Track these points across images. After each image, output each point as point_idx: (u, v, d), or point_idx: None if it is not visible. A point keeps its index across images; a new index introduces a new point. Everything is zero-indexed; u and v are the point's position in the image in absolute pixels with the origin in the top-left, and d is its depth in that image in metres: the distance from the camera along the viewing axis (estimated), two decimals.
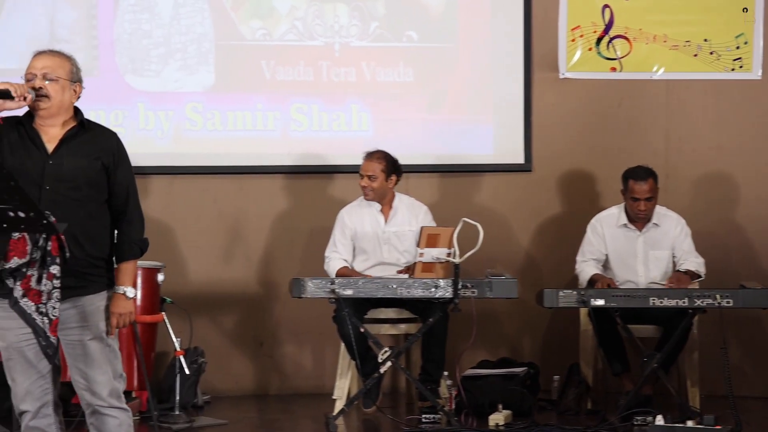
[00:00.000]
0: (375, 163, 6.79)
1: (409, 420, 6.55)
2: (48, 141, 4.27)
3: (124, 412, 4.35)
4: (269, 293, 7.50)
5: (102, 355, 4.29)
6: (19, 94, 4.16)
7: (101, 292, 4.31)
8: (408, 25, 7.54)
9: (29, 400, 4.29)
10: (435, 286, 6.28)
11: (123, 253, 4.37)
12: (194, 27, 7.38)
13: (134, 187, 4.42)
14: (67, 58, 4.35)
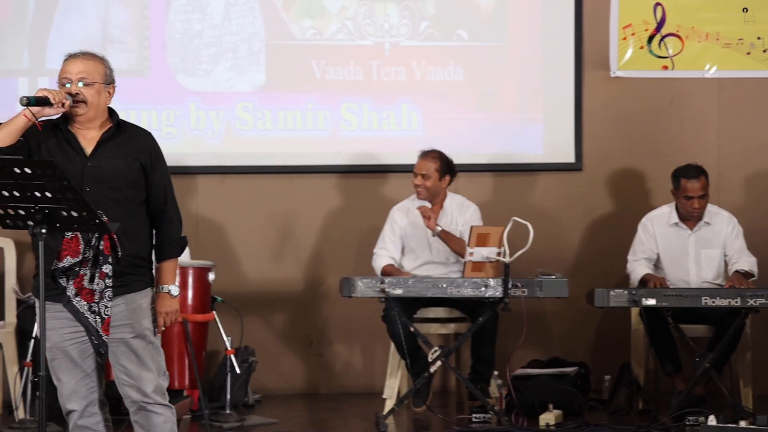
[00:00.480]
0: (430, 162, 6.77)
1: (460, 419, 6.54)
2: (86, 144, 4.30)
3: (168, 408, 4.39)
4: (319, 292, 7.52)
5: (146, 353, 4.33)
6: (57, 101, 4.19)
7: (143, 290, 4.34)
8: (458, 24, 7.53)
9: (75, 399, 4.34)
10: (485, 285, 6.26)
11: (164, 252, 4.41)
12: (245, 27, 7.41)
13: (171, 186, 4.45)
14: (100, 60, 4.37)
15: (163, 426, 4.37)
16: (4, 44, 7.22)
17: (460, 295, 6.31)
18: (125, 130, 4.38)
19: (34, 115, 4.17)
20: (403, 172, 7.42)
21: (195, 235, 7.28)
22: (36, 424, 5.99)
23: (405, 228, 6.89)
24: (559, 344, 7.54)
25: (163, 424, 4.37)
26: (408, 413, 6.76)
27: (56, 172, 3.90)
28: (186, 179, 7.32)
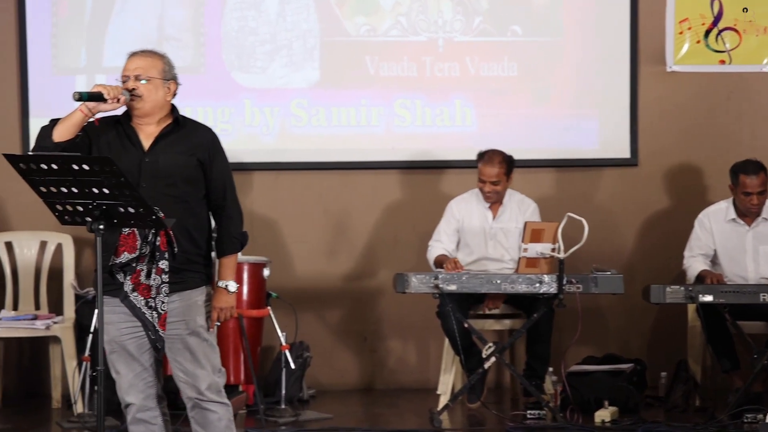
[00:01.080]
0: (497, 167, 6.72)
1: (514, 416, 6.52)
2: (144, 139, 4.34)
3: (223, 406, 4.40)
4: (373, 288, 7.53)
5: (200, 350, 4.35)
6: (111, 96, 4.22)
7: (199, 287, 4.36)
8: (512, 19, 7.50)
9: (133, 393, 4.37)
10: (539, 281, 6.25)
11: (224, 247, 4.42)
12: (300, 24, 7.43)
13: (231, 182, 4.45)
14: (159, 57, 4.40)
15: (217, 424, 4.39)
16: (62, 42, 7.30)
17: (514, 291, 6.30)
18: (184, 125, 4.40)
19: (90, 110, 4.22)
20: (457, 168, 7.42)
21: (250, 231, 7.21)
22: (94, 418, 6.08)
23: (462, 222, 6.88)
24: (615, 341, 7.49)
25: (217, 421, 4.39)
26: (462, 409, 6.76)
27: (113, 169, 3.93)
28: (241, 176, 7.34)
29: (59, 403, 6.89)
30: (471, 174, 7.04)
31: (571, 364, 6.86)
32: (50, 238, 7.10)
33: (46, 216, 4.60)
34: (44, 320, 6.72)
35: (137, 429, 4.41)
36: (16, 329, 6.71)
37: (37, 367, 7.26)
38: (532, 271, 6.33)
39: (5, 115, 7.29)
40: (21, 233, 7.16)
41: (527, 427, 6.27)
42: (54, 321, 6.75)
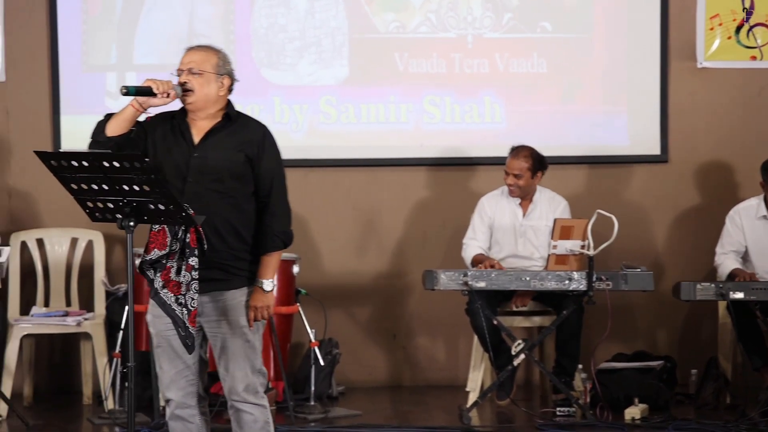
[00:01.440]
0: (521, 161, 6.72)
1: (544, 413, 6.51)
2: (196, 134, 4.34)
3: (259, 408, 4.39)
4: (402, 285, 7.53)
5: (241, 350, 4.34)
6: (161, 91, 4.23)
7: (243, 287, 4.35)
8: (542, 15, 7.48)
9: (174, 389, 4.38)
10: (569, 278, 6.23)
11: (265, 245, 4.37)
12: (329, 21, 7.44)
13: (280, 180, 4.41)
14: (214, 51, 4.41)
15: (252, 425, 4.39)
16: (92, 40, 7.33)
17: (543, 288, 6.29)
18: (236, 121, 4.39)
19: (141, 105, 4.23)
20: (486, 164, 7.41)
21: None
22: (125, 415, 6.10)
23: (493, 219, 6.86)
24: (645, 338, 7.47)
25: (252, 423, 4.39)
26: (491, 406, 6.75)
27: (144, 165, 3.94)
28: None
29: (90, 399, 6.92)
30: (500, 171, 7.02)
31: (601, 361, 6.84)
32: (81, 235, 7.14)
33: (76, 213, 4.62)
34: (75, 317, 6.75)
35: (175, 425, 4.42)
36: (48, 326, 6.75)
37: (68, 363, 7.30)
38: (562, 268, 6.31)
39: (37, 113, 7.32)
40: (52, 230, 7.20)
41: (557, 424, 6.25)
42: (85, 317, 6.78)
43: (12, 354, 6.61)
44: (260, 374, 4.41)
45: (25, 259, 7.09)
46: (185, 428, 4.41)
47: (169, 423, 4.44)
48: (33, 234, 7.14)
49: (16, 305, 6.96)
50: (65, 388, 7.29)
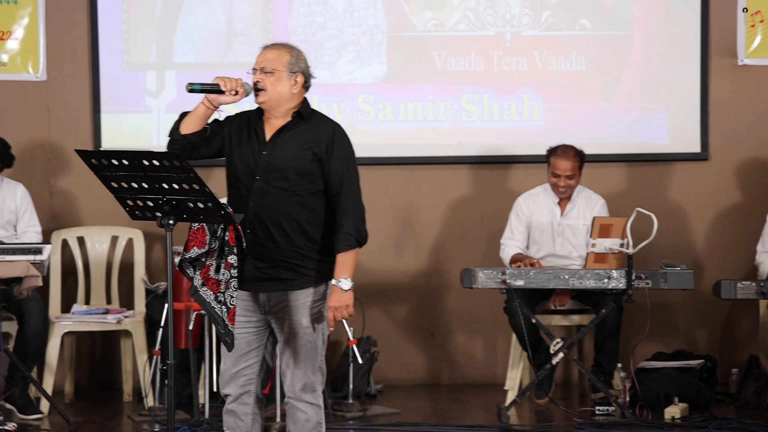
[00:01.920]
0: (572, 161, 6.69)
1: (582, 412, 6.49)
2: (269, 132, 4.35)
3: (314, 408, 4.40)
4: (440, 283, 7.52)
5: (302, 350, 4.35)
6: (229, 89, 4.24)
7: (308, 288, 4.33)
8: (581, 13, 7.45)
9: (233, 385, 4.40)
10: (608, 276, 6.20)
11: (338, 244, 4.33)
12: (367, 19, 7.45)
13: (350, 179, 4.37)
14: (288, 49, 4.41)
15: (305, 424, 4.40)
16: (132, 39, 7.37)
17: (582, 287, 6.26)
18: (308, 119, 4.38)
19: (211, 102, 4.25)
20: (524, 162, 7.39)
21: None
22: (165, 412, 6.14)
23: (530, 218, 6.85)
24: (685, 337, 7.43)
25: (305, 422, 4.40)
26: (530, 405, 6.74)
27: (183, 164, 3.96)
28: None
29: (130, 396, 6.97)
30: (538, 169, 7.01)
31: (640, 360, 6.81)
32: (121, 233, 7.19)
33: (117, 211, 4.67)
34: (115, 314, 6.79)
35: (228, 419, 4.44)
36: (88, 323, 6.80)
37: (109, 360, 7.35)
38: (601, 267, 6.29)
39: (77, 111, 7.38)
40: (93, 228, 7.25)
41: (596, 423, 6.23)
42: (125, 315, 6.82)
43: (53, 351, 6.67)
44: (320, 373, 4.40)
45: (66, 257, 7.14)
46: (236, 425, 4.43)
47: (224, 417, 4.47)
48: (74, 232, 7.20)
49: (57, 303, 7.01)
50: (106, 385, 7.34)
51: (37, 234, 6.74)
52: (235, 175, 4.36)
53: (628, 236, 6.16)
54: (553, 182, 6.75)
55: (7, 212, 6.71)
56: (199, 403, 6.29)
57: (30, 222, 6.76)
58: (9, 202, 6.73)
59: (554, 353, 6.30)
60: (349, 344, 6.58)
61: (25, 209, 6.76)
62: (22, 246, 6.15)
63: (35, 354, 6.51)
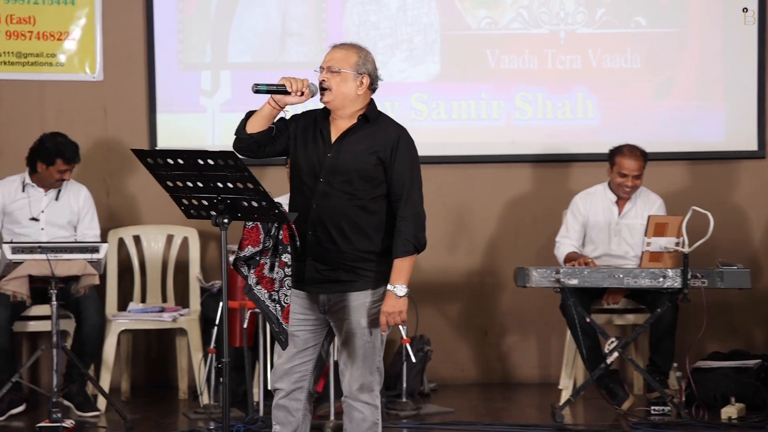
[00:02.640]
0: (639, 161, 6.66)
1: (637, 411, 6.45)
2: (334, 133, 4.33)
3: (370, 407, 4.40)
4: (494, 282, 7.51)
5: (360, 351, 4.35)
6: (295, 89, 4.23)
7: (367, 290, 4.34)
8: (636, 10, 7.40)
9: (285, 380, 4.41)
10: (663, 276, 6.16)
11: (396, 249, 4.32)
12: (420, 17, 7.45)
13: (413, 184, 4.35)
14: (355, 50, 4.37)
15: (361, 424, 4.40)
16: (188, 39, 7.43)
17: (637, 286, 6.22)
18: (375, 122, 4.36)
19: (277, 102, 4.26)
20: (579, 161, 7.35)
21: None
22: (220, 410, 6.17)
23: (587, 217, 6.82)
24: (741, 336, 7.36)
25: (361, 421, 4.40)
26: (584, 404, 6.70)
27: (237, 163, 3.99)
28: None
29: (185, 394, 7.01)
30: (593, 167, 6.97)
31: (696, 359, 6.75)
32: (177, 232, 7.24)
33: (172, 210, 4.69)
34: (171, 312, 6.85)
35: (278, 414, 4.45)
36: (144, 321, 6.86)
37: (164, 358, 7.40)
38: (656, 266, 6.24)
39: (133, 111, 7.44)
40: (148, 227, 7.31)
41: (651, 423, 6.19)
42: (180, 313, 6.87)
43: (110, 349, 6.73)
44: (378, 374, 4.41)
45: (123, 255, 7.21)
46: (287, 420, 4.44)
47: (274, 412, 4.47)
48: (130, 231, 7.26)
49: (113, 301, 7.07)
50: (161, 382, 7.39)
51: (95, 237, 6.80)
52: (299, 176, 4.36)
53: (684, 235, 6.12)
54: (619, 182, 6.70)
55: (69, 213, 6.79)
56: (254, 401, 6.32)
57: (90, 225, 6.83)
58: (72, 204, 6.80)
59: (609, 352, 6.27)
60: (402, 343, 6.58)
61: (86, 212, 6.83)
62: (80, 245, 6.22)
63: (92, 352, 6.57)
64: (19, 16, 7.32)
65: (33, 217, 6.70)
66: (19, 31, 7.33)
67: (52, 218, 6.73)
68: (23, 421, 6.38)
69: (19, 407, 6.51)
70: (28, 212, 6.70)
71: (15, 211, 6.70)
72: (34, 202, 6.72)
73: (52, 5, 7.35)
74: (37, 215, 6.71)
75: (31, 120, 6.94)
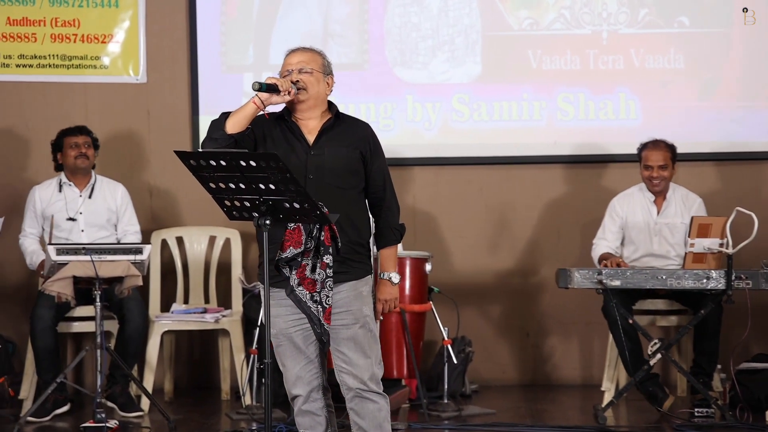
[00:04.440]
0: (664, 151, 6.65)
1: (681, 413, 6.41)
2: (308, 133, 4.42)
3: (383, 397, 4.42)
4: (536, 283, 7.49)
5: (365, 340, 4.38)
6: (284, 89, 4.32)
7: (364, 277, 4.41)
8: (679, 10, 7.36)
9: (300, 385, 4.43)
10: (707, 277, 6.12)
11: (385, 239, 4.49)
12: (462, 18, 7.44)
13: (389, 175, 4.51)
14: (318, 52, 4.50)
15: (377, 414, 4.42)
16: (230, 41, 7.46)
17: (680, 287, 6.18)
18: (344, 120, 4.48)
19: (262, 102, 4.30)
20: (621, 162, 7.32)
21: (412, 226, 7.36)
22: (262, 410, 6.19)
23: (625, 219, 6.79)
24: None
25: (377, 412, 4.42)
26: (627, 406, 6.67)
27: (279, 165, 4.00)
28: (403, 171, 7.42)
29: (228, 394, 7.05)
30: (635, 168, 6.93)
31: (741, 361, 6.70)
32: (219, 233, 7.28)
33: (214, 211, 4.72)
34: (213, 313, 6.88)
35: (303, 420, 4.47)
36: (187, 322, 6.89)
37: (207, 359, 7.44)
38: (699, 267, 6.20)
39: (176, 113, 7.49)
40: (191, 228, 7.35)
41: (695, 425, 6.15)
42: (223, 314, 6.90)
43: (153, 350, 6.77)
44: (380, 366, 4.46)
45: (166, 256, 7.25)
46: (314, 422, 4.46)
47: (297, 419, 4.49)
48: (173, 232, 7.31)
49: (156, 302, 7.12)
50: (204, 383, 7.43)
51: (136, 234, 6.86)
52: None
53: (728, 236, 6.08)
54: (646, 176, 6.69)
55: (107, 212, 6.84)
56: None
57: (130, 222, 6.89)
58: (110, 202, 6.85)
59: (652, 354, 6.24)
60: (443, 344, 6.58)
61: (125, 209, 6.89)
62: (123, 246, 6.26)
63: (135, 352, 6.62)
64: (63, 19, 7.39)
65: (70, 217, 6.75)
66: (64, 34, 7.40)
67: (91, 218, 6.78)
68: (68, 422, 6.43)
69: (64, 407, 6.56)
70: (65, 213, 6.76)
71: (54, 213, 6.76)
72: (70, 202, 6.78)
73: (96, 8, 7.41)
74: (74, 215, 6.77)
75: (76, 122, 6.99)
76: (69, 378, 6.69)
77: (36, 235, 6.82)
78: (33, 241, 6.79)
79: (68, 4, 7.39)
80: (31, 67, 7.41)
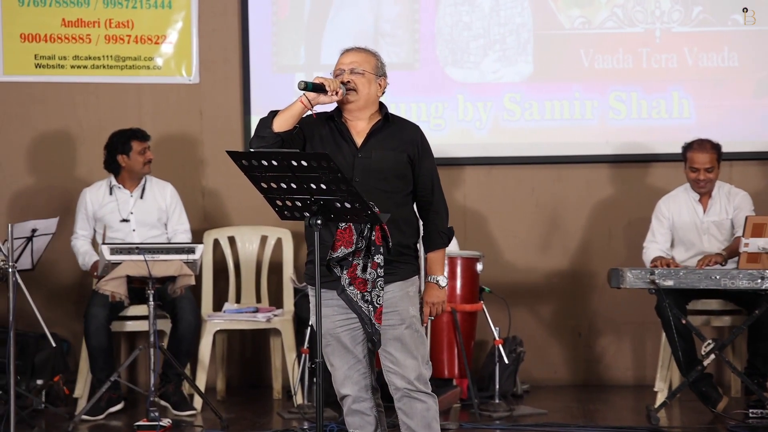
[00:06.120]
0: (711, 153, 6.59)
1: (736, 414, 6.35)
2: (356, 135, 4.41)
3: (431, 397, 4.42)
4: (587, 283, 7.45)
5: (411, 341, 4.38)
6: (331, 89, 4.31)
7: (410, 278, 4.41)
8: (733, 8, 7.29)
9: (349, 385, 4.44)
10: (761, 277, 6.06)
11: (432, 242, 4.47)
12: (513, 18, 7.42)
13: (438, 178, 4.49)
14: (372, 53, 4.48)
15: (426, 414, 4.42)
16: (281, 41, 7.49)
17: (734, 287, 6.13)
18: (394, 122, 4.46)
19: (310, 101, 4.31)
20: (674, 161, 7.25)
21: (462, 225, 7.36)
22: (313, 410, 6.22)
23: (672, 220, 6.74)
24: None
25: (425, 411, 4.42)
26: (680, 406, 6.62)
27: (330, 165, 4.01)
28: (453, 170, 7.41)
29: (280, 393, 7.07)
30: None
31: None
32: (270, 233, 7.31)
33: (266, 211, 4.73)
34: (265, 313, 6.91)
35: (353, 420, 4.48)
36: (239, 321, 6.92)
37: (259, 358, 7.48)
38: (754, 267, 6.14)
39: (229, 113, 7.53)
40: (243, 228, 7.39)
41: (749, 426, 6.10)
42: (274, 314, 6.93)
43: (205, 349, 6.82)
44: (429, 366, 4.45)
45: (218, 256, 7.29)
46: (364, 421, 4.47)
47: (347, 419, 4.50)
48: (225, 232, 7.35)
49: (209, 301, 7.16)
50: (256, 382, 7.47)
51: (186, 233, 6.91)
52: None
53: None
54: (692, 177, 6.64)
55: (157, 211, 6.90)
56: None
57: (180, 220, 6.94)
58: (159, 202, 6.91)
59: (706, 354, 6.19)
60: (495, 344, 6.57)
61: (174, 208, 6.94)
62: (176, 246, 6.31)
63: (188, 351, 6.66)
64: (117, 20, 7.46)
65: (123, 219, 6.82)
66: (118, 35, 7.46)
67: (142, 218, 6.84)
68: (121, 420, 6.49)
69: (118, 405, 6.62)
70: (118, 215, 6.82)
71: (106, 215, 6.82)
72: (122, 204, 6.83)
73: (149, 9, 7.47)
74: (127, 216, 6.83)
75: (129, 123, 7.05)
76: (123, 376, 6.75)
77: (87, 236, 6.89)
78: (84, 243, 6.87)
79: (122, 6, 7.46)
80: (85, 68, 7.48)
